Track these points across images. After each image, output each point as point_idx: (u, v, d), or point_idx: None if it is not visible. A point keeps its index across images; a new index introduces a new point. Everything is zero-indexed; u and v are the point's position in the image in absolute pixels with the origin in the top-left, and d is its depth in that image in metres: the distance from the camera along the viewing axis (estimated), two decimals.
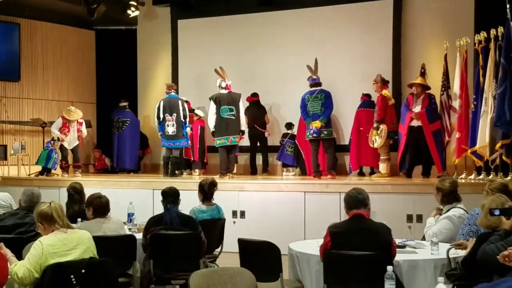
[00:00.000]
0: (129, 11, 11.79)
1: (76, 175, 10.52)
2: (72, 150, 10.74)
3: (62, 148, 10.55)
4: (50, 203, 3.91)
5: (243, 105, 9.91)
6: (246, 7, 11.70)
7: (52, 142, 10.32)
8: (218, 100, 9.64)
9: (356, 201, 4.20)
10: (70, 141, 10.55)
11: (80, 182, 6.33)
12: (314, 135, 9.25)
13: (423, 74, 9.27)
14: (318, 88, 9.48)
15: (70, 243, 3.84)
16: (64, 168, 10.67)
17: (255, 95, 11.11)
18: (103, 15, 12.12)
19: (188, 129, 9.92)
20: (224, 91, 9.71)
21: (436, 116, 8.95)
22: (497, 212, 3.66)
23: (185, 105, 9.94)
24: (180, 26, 12.39)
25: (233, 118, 9.58)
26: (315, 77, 9.57)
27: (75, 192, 6.14)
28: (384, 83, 9.73)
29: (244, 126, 9.87)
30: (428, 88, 9.11)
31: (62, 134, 10.39)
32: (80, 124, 10.69)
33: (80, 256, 3.84)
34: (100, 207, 5.11)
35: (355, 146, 10.15)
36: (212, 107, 9.70)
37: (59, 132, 10.37)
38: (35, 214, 3.96)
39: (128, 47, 12.78)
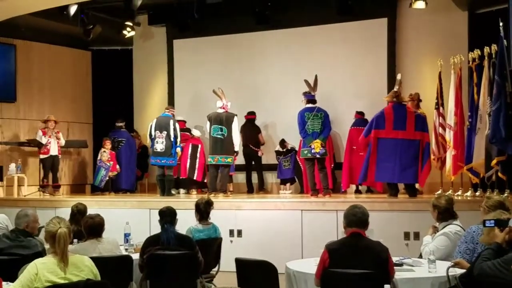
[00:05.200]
0: (125, 32, 11.82)
1: (56, 195, 10.62)
2: (52, 167, 10.88)
3: (45, 163, 10.74)
4: (60, 226, 3.81)
5: (238, 125, 9.82)
6: (242, 26, 11.76)
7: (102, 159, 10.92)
8: (211, 119, 9.73)
9: (359, 221, 4.18)
10: (51, 150, 10.79)
11: (85, 204, 6.30)
12: (317, 155, 9.08)
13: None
14: (316, 106, 9.25)
15: (67, 269, 3.76)
16: (44, 187, 10.68)
17: (251, 113, 11.13)
18: (99, 35, 12.17)
19: (178, 149, 9.93)
20: (220, 111, 9.76)
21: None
22: (491, 223, 3.61)
23: (177, 125, 10.00)
24: (176, 46, 12.46)
25: (222, 137, 9.57)
26: (313, 93, 9.36)
27: (78, 212, 6.10)
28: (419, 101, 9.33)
29: (237, 146, 9.81)
30: (392, 101, 8.63)
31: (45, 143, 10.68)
32: (58, 132, 10.94)
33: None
34: (92, 227, 5.08)
35: (347, 165, 10.17)
36: (207, 126, 9.81)
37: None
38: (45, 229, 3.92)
39: (124, 67, 12.82)
